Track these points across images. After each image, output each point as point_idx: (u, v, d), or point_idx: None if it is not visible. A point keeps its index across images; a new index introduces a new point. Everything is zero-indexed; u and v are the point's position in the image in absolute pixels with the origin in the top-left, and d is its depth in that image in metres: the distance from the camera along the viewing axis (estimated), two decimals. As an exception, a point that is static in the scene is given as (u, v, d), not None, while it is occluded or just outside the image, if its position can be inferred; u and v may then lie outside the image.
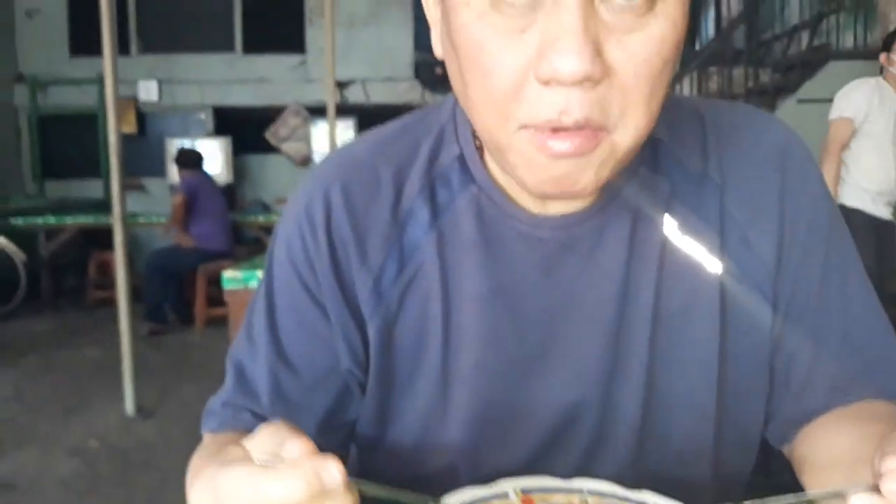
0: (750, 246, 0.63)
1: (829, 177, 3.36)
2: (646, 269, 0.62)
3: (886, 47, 3.43)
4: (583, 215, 0.61)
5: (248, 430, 0.62)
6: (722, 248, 0.62)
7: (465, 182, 0.64)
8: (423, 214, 0.64)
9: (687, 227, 0.62)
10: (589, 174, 0.51)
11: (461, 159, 0.64)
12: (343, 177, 0.65)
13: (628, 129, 0.50)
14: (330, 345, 0.65)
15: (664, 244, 0.62)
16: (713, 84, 7.34)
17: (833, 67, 6.61)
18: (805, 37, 7.16)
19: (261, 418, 0.66)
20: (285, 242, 0.66)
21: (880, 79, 3.48)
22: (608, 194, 0.61)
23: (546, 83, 0.48)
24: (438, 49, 0.58)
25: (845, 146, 3.39)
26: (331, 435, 0.67)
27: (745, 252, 0.63)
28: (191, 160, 6.00)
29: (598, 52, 0.47)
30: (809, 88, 6.62)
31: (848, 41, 6.81)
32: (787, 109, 6.71)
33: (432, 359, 0.64)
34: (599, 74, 0.47)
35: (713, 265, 0.62)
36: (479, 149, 0.64)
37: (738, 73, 7.42)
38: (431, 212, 0.64)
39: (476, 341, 0.63)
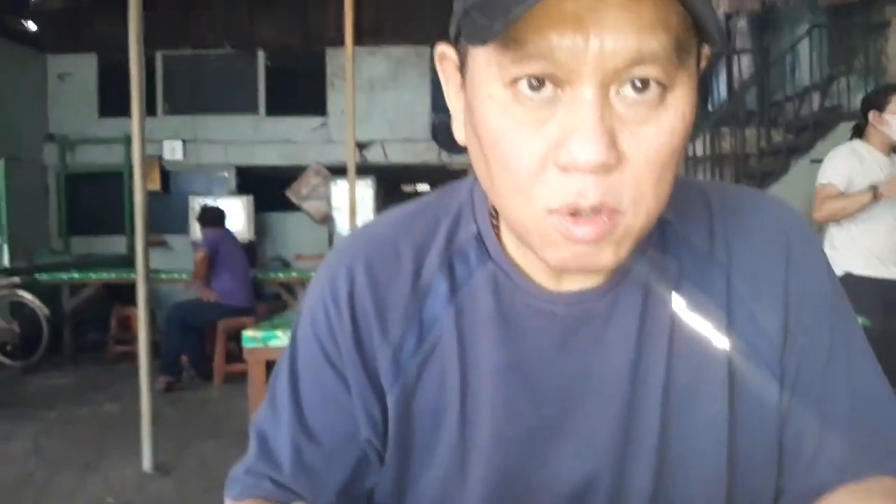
0: (756, 323, 0.64)
1: (836, 208, 3.33)
2: (656, 344, 0.64)
3: (877, 105, 3.31)
4: (596, 292, 0.64)
5: (270, 497, 0.66)
6: (729, 325, 0.64)
7: (483, 259, 0.66)
8: (442, 289, 0.66)
9: (695, 304, 0.64)
10: (608, 253, 0.55)
11: (478, 237, 0.67)
12: (366, 253, 0.68)
13: (639, 213, 0.54)
14: (351, 415, 0.67)
15: (673, 321, 0.64)
16: (726, 144, 7.42)
17: (845, 128, 6.65)
18: (816, 98, 7.25)
19: (282, 486, 0.68)
20: (310, 315, 0.69)
21: (857, 141, 3.43)
22: (619, 272, 0.64)
23: (565, 170, 0.51)
24: (461, 136, 0.61)
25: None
26: (349, 502, 0.69)
27: (751, 329, 0.64)
28: (213, 217, 6.08)
29: (612, 141, 0.51)
30: (822, 149, 6.67)
31: (858, 102, 6.90)
32: (800, 169, 6.76)
33: (450, 430, 0.65)
34: (614, 162, 0.51)
35: (721, 342, 0.64)
36: (496, 227, 0.66)
37: (750, 133, 7.51)
38: (450, 287, 0.66)
39: (492, 414, 0.64)
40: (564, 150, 0.51)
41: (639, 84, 0.51)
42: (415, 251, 0.68)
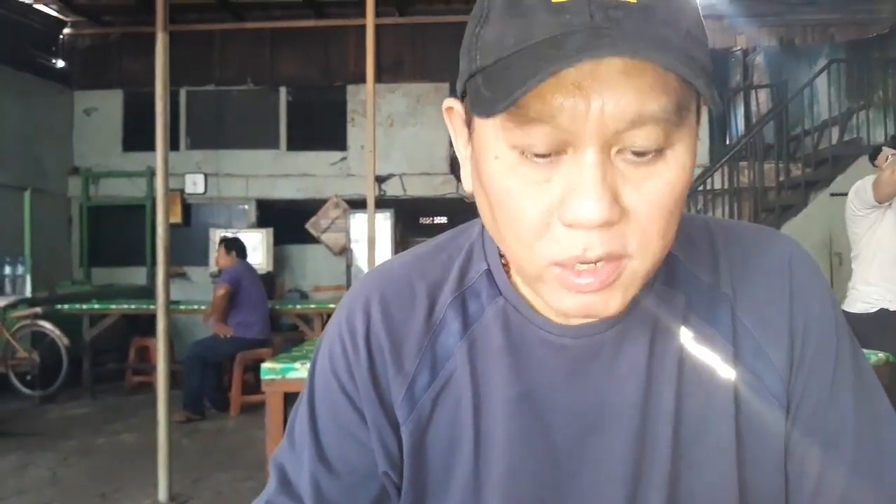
0: (762, 355, 0.65)
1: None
2: (665, 375, 0.65)
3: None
4: (605, 324, 0.65)
5: None
6: (735, 357, 0.65)
7: (493, 295, 0.68)
8: (455, 325, 0.68)
9: (702, 337, 0.65)
10: (616, 300, 0.56)
11: (489, 273, 0.69)
12: (382, 290, 0.70)
13: (646, 258, 0.55)
14: (368, 449, 0.68)
15: (681, 353, 0.65)
16: (744, 178, 7.41)
17: (864, 162, 6.65)
18: (835, 132, 7.25)
19: None
20: (328, 351, 0.71)
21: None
22: (628, 305, 0.65)
23: (570, 226, 0.53)
24: (468, 184, 0.63)
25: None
26: None
27: (757, 361, 0.65)
28: (239, 248, 6.16)
29: (615, 198, 0.52)
30: (841, 182, 6.65)
31: (879, 136, 6.88)
32: (820, 203, 6.74)
33: (464, 463, 0.66)
34: (617, 218, 0.52)
35: (727, 373, 0.65)
36: (505, 265, 0.68)
37: (769, 167, 7.50)
38: (463, 322, 0.68)
39: (505, 445, 0.65)
40: (569, 208, 0.52)
41: (639, 149, 0.52)
42: (429, 289, 0.70)
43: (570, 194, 0.52)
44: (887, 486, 0.65)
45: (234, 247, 6.14)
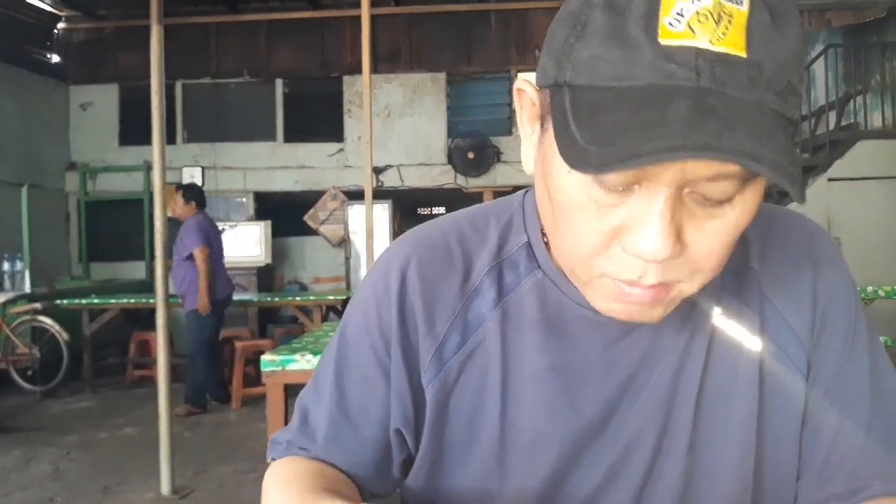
0: (786, 327, 0.68)
1: None
2: (698, 352, 0.66)
3: None
4: None
5: (306, 457, 0.73)
6: (762, 327, 0.67)
7: (531, 268, 0.69)
8: (490, 293, 0.69)
9: (731, 311, 0.67)
10: (659, 312, 0.58)
11: (528, 246, 0.70)
12: (419, 252, 0.71)
13: (696, 282, 0.56)
14: (386, 405, 0.71)
15: (713, 331, 0.67)
16: (743, 164, 7.40)
17: (862, 147, 6.66)
18: (832, 117, 7.24)
19: (314, 456, 0.73)
20: (362, 307, 0.72)
21: None
22: None
23: (631, 254, 0.54)
24: (529, 166, 0.63)
25: None
26: (376, 483, 0.74)
27: (782, 331, 0.68)
28: (199, 196, 5.48)
29: (679, 235, 0.52)
30: (839, 167, 6.66)
31: (876, 121, 6.87)
32: (818, 188, 6.74)
33: (489, 429, 0.68)
34: (678, 254, 0.53)
35: (754, 343, 0.67)
36: (546, 241, 0.68)
37: (767, 153, 7.49)
38: (498, 291, 0.69)
39: (533, 414, 0.67)
40: (633, 239, 0.53)
41: (711, 198, 0.52)
42: (466, 254, 0.71)
43: (638, 226, 0.52)
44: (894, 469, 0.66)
45: (194, 195, 5.48)
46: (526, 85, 0.62)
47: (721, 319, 0.67)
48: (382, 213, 8.20)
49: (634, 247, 0.53)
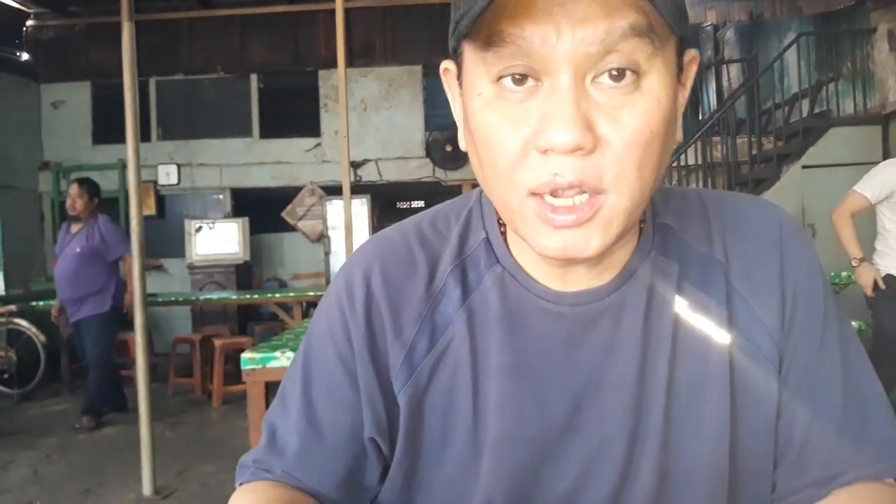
0: (755, 318, 0.67)
1: (843, 235, 3.58)
2: (661, 343, 0.66)
3: None
4: (601, 291, 0.66)
5: (275, 480, 0.71)
6: (730, 321, 0.67)
7: (491, 263, 0.69)
8: (455, 293, 0.69)
9: (696, 304, 0.67)
10: (596, 237, 0.57)
11: (487, 242, 0.70)
12: (382, 257, 0.71)
13: (622, 193, 0.56)
14: (357, 414, 0.69)
15: (676, 320, 0.67)
16: (717, 153, 7.47)
17: (834, 134, 6.74)
18: (805, 105, 7.32)
19: (286, 474, 0.71)
20: (326, 317, 0.72)
21: None
22: (624, 273, 0.67)
23: (544, 152, 0.55)
24: (463, 143, 0.65)
25: (855, 215, 3.57)
26: (349, 496, 0.72)
27: (751, 324, 0.67)
28: (98, 193, 5.24)
29: (588, 126, 0.54)
30: (813, 154, 6.73)
31: (848, 107, 6.95)
32: (792, 175, 6.81)
33: (462, 430, 0.68)
34: (590, 144, 0.54)
35: (722, 337, 0.67)
36: (503, 233, 0.70)
37: (741, 141, 7.56)
38: (462, 290, 0.69)
39: (500, 412, 0.66)
40: (543, 134, 0.54)
41: (614, 72, 0.54)
42: (429, 257, 0.71)
43: (545, 122, 0.54)
44: (872, 442, 0.67)
45: (97, 191, 5.22)
46: (447, 63, 0.65)
47: (687, 313, 0.67)
48: (361, 207, 8.17)
49: (544, 139, 0.54)
